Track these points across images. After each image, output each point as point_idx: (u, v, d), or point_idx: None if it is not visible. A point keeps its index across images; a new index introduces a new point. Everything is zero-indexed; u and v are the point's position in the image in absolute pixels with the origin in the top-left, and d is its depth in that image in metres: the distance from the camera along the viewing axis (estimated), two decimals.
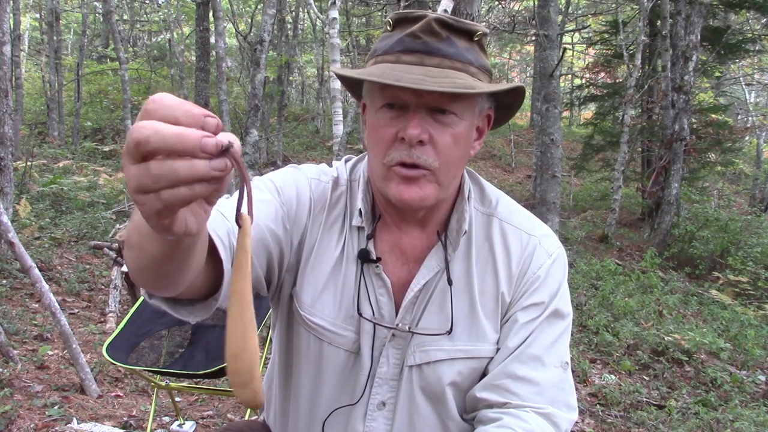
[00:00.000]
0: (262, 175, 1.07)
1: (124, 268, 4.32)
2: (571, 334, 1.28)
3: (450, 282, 1.02)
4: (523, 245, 1.06)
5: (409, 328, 1.03)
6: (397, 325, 1.03)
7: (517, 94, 0.99)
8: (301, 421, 1.10)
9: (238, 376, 0.59)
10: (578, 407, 1.07)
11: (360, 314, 1.02)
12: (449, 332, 1.02)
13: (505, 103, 1.03)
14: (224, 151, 0.53)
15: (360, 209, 1.04)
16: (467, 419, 1.06)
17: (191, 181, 0.52)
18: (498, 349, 1.04)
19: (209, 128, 0.52)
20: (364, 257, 1.03)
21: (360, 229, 1.05)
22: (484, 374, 1.05)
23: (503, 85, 0.96)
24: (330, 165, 1.15)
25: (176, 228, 0.56)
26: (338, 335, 1.04)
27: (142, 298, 2.48)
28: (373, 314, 1.03)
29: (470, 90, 0.89)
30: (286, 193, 1.03)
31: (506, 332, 1.04)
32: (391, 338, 1.04)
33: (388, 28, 0.99)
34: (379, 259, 1.04)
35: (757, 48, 11.09)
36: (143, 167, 0.51)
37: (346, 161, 1.15)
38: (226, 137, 0.53)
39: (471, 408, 1.05)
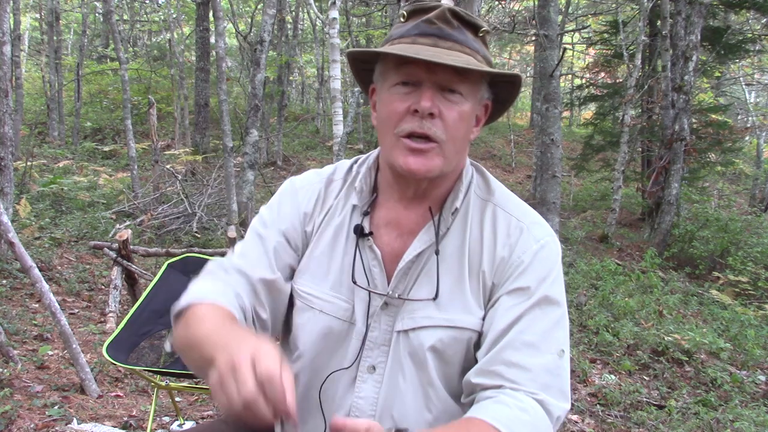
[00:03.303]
0: (261, 174, 1.10)
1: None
2: (571, 334, 1.28)
3: (437, 252, 1.10)
4: (510, 229, 1.11)
5: (399, 295, 1.10)
6: (389, 293, 1.10)
7: (513, 87, 1.10)
8: (299, 392, 1.12)
9: None
10: (578, 407, 1.08)
11: (354, 282, 1.11)
12: (434, 299, 1.08)
13: (501, 97, 1.13)
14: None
15: (356, 187, 1.15)
16: (465, 403, 1.09)
17: None
18: (482, 332, 1.08)
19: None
20: (359, 232, 1.12)
21: (356, 207, 1.15)
22: (475, 358, 1.08)
23: (504, 71, 1.08)
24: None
25: None
26: (332, 304, 1.12)
27: (142, 298, 2.48)
28: (368, 284, 1.12)
29: (480, 67, 1.01)
30: (285, 221, 1.16)
31: (492, 315, 1.08)
32: (383, 306, 1.11)
33: (402, 20, 1.08)
34: (370, 233, 1.12)
35: (757, 48, 11.10)
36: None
37: (356, 159, 1.24)
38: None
39: (468, 392, 1.09)
